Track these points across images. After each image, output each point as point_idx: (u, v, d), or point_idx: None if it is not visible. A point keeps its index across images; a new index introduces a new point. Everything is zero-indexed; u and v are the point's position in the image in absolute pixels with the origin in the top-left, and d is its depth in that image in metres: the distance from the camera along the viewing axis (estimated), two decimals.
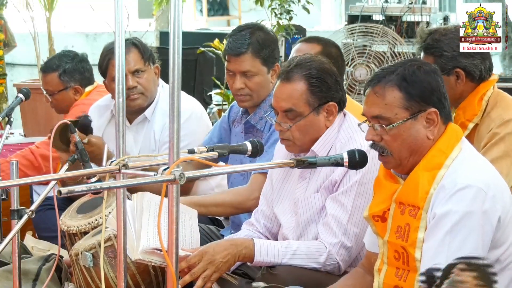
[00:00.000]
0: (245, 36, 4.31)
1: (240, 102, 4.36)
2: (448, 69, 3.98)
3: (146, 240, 3.51)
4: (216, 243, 3.60)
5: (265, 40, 4.32)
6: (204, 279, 3.48)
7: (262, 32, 4.36)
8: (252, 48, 4.28)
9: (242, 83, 4.29)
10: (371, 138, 3.19)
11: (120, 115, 2.89)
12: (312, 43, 4.51)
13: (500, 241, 3.10)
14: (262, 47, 4.30)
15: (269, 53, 4.31)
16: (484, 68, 4.06)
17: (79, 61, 5.49)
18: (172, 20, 2.46)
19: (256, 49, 4.28)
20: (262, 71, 4.30)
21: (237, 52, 4.28)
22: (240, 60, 4.29)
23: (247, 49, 4.28)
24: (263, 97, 4.32)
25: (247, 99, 4.32)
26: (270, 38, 4.38)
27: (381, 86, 3.15)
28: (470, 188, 3.03)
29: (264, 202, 3.90)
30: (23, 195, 4.94)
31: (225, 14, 15.09)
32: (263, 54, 4.29)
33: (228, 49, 4.33)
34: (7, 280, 4.10)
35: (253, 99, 4.32)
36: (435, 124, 3.15)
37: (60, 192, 2.34)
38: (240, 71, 4.29)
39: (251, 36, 4.30)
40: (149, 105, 4.72)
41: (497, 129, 4.02)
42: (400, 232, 3.15)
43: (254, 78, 4.29)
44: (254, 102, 4.33)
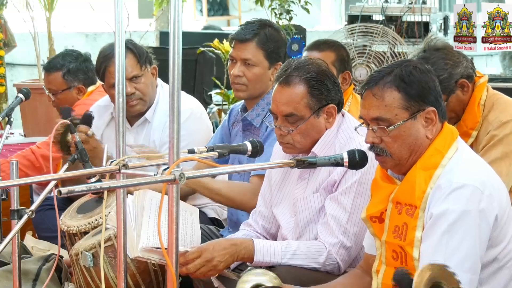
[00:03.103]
0: (254, 27, 4.37)
1: (236, 91, 4.39)
2: (452, 87, 4.01)
3: (146, 238, 3.51)
4: (216, 241, 3.60)
5: (272, 35, 4.36)
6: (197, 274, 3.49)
7: (272, 28, 4.41)
8: (258, 38, 4.32)
9: (241, 71, 4.32)
10: (371, 140, 3.18)
11: (120, 115, 2.89)
12: (325, 51, 4.65)
13: (497, 239, 3.11)
14: (268, 40, 4.33)
15: (274, 48, 4.34)
16: (472, 65, 4.11)
17: (83, 60, 5.50)
18: (172, 20, 2.47)
19: (262, 41, 4.32)
20: (263, 63, 4.32)
21: (242, 38, 4.33)
22: (244, 47, 4.33)
23: (253, 38, 4.32)
24: (259, 91, 4.33)
25: (243, 89, 4.34)
26: (278, 35, 4.41)
27: (379, 88, 3.15)
28: (466, 187, 3.04)
29: (262, 203, 3.90)
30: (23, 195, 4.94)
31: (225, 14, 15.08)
32: (267, 47, 4.32)
33: (235, 34, 4.38)
34: (7, 280, 4.11)
35: (249, 90, 4.33)
36: (434, 123, 3.16)
37: (60, 192, 2.35)
38: (241, 58, 4.33)
39: (260, 28, 4.36)
40: (149, 108, 4.72)
41: (495, 131, 4.03)
42: (397, 232, 3.15)
43: (253, 68, 4.31)
44: (249, 93, 4.34)
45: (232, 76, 4.35)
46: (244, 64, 4.32)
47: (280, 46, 4.39)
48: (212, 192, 4.17)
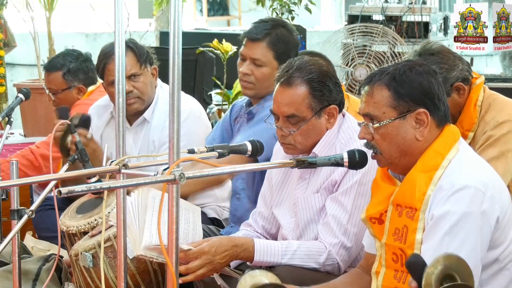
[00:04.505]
0: (267, 26, 4.36)
1: (243, 88, 4.40)
2: (448, 91, 4.01)
3: (149, 236, 3.50)
4: (219, 243, 3.55)
5: (284, 37, 4.36)
6: (196, 276, 3.49)
7: (285, 29, 4.41)
8: (269, 39, 4.33)
9: (249, 70, 4.33)
10: (363, 136, 3.21)
11: (120, 115, 2.89)
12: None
13: (498, 241, 3.10)
14: (279, 41, 4.33)
15: (284, 50, 4.34)
16: (468, 68, 4.10)
17: (83, 60, 5.50)
18: (172, 20, 2.47)
19: (273, 41, 4.32)
20: (272, 64, 4.33)
21: (253, 37, 4.34)
22: (254, 46, 4.33)
23: (264, 38, 4.33)
24: (266, 91, 4.33)
25: (250, 87, 4.35)
26: (291, 37, 4.41)
27: (371, 85, 3.17)
28: (468, 188, 3.03)
29: (262, 203, 3.90)
30: (23, 195, 4.94)
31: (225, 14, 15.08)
32: (277, 48, 4.33)
33: (247, 33, 4.38)
34: (7, 280, 4.10)
35: (256, 88, 4.34)
36: (425, 125, 3.14)
37: (60, 192, 2.34)
38: (251, 57, 4.33)
39: (272, 28, 4.36)
40: (147, 107, 4.72)
41: (491, 131, 4.03)
42: (397, 234, 3.15)
43: (262, 68, 4.32)
44: (256, 92, 4.35)
45: (241, 73, 4.37)
46: (253, 63, 4.33)
47: (291, 48, 4.38)
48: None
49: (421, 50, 4.11)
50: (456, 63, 4.06)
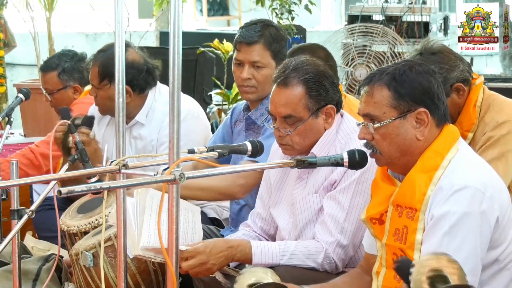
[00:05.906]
0: (258, 28, 4.36)
1: (245, 93, 4.37)
2: (447, 91, 4.00)
3: (147, 236, 3.50)
4: (214, 244, 3.56)
5: (276, 35, 4.37)
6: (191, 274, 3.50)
7: (274, 27, 4.42)
8: (264, 40, 4.32)
9: (250, 74, 4.31)
10: (363, 136, 3.20)
11: (120, 115, 2.89)
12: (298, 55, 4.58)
13: (498, 241, 3.10)
14: (273, 40, 4.34)
15: (279, 48, 4.35)
16: (469, 68, 4.09)
17: (78, 60, 5.50)
18: (172, 20, 2.47)
19: (268, 42, 4.33)
20: (271, 64, 4.33)
21: (249, 41, 4.32)
22: (251, 49, 4.32)
23: (259, 40, 4.32)
24: (267, 92, 4.32)
25: (252, 91, 4.34)
26: (281, 34, 4.43)
27: (371, 85, 3.17)
28: (467, 188, 3.03)
29: (260, 204, 3.90)
30: (23, 195, 4.94)
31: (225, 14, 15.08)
32: (273, 48, 4.33)
33: (240, 37, 4.36)
34: (7, 280, 4.11)
35: (258, 91, 4.33)
36: (426, 124, 3.14)
37: (60, 192, 2.35)
38: (249, 61, 4.32)
39: (263, 28, 4.35)
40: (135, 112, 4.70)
41: (491, 132, 4.02)
42: (398, 235, 3.15)
43: (262, 70, 4.32)
44: (258, 95, 4.34)
45: (241, 79, 4.34)
46: (252, 67, 4.32)
47: (283, 45, 4.41)
48: (194, 189, 4.15)
49: (422, 49, 4.10)
50: (456, 64, 4.05)
